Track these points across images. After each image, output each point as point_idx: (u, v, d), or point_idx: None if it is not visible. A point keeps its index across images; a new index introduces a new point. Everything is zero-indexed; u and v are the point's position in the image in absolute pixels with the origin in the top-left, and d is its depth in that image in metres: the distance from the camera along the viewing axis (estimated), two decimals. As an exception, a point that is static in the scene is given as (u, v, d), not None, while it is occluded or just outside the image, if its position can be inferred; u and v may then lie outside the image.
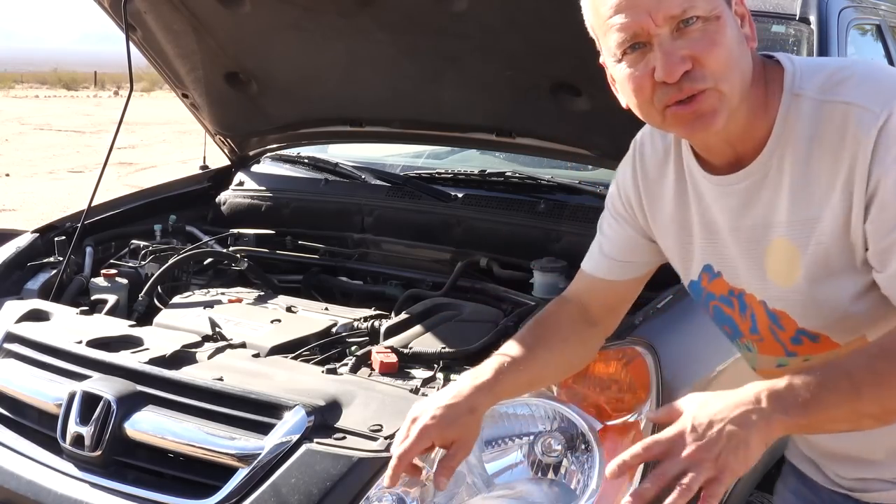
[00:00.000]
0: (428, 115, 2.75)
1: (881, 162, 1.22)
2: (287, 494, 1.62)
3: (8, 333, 2.17)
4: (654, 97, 1.27)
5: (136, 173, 11.74)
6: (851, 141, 1.24)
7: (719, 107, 1.26)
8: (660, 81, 1.25)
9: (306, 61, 2.77)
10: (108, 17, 2.73)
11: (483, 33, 2.33)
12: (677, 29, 1.23)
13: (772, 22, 2.93)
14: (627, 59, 1.28)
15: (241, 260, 2.65)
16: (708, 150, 1.39)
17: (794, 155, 1.30)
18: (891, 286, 1.26)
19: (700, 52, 1.23)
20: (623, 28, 1.25)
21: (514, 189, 2.70)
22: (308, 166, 3.09)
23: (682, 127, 1.30)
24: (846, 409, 1.20)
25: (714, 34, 1.24)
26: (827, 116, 1.28)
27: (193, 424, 1.78)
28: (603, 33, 1.30)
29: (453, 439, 1.39)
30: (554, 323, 1.57)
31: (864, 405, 1.20)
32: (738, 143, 1.35)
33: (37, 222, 2.97)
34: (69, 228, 2.69)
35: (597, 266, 1.60)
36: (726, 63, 1.25)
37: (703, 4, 1.23)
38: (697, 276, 1.50)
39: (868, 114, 1.23)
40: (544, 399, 1.69)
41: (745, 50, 1.29)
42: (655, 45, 1.24)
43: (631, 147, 1.56)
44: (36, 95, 29.27)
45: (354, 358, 2.03)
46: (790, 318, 1.39)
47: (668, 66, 1.23)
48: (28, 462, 1.91)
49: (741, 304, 1.45)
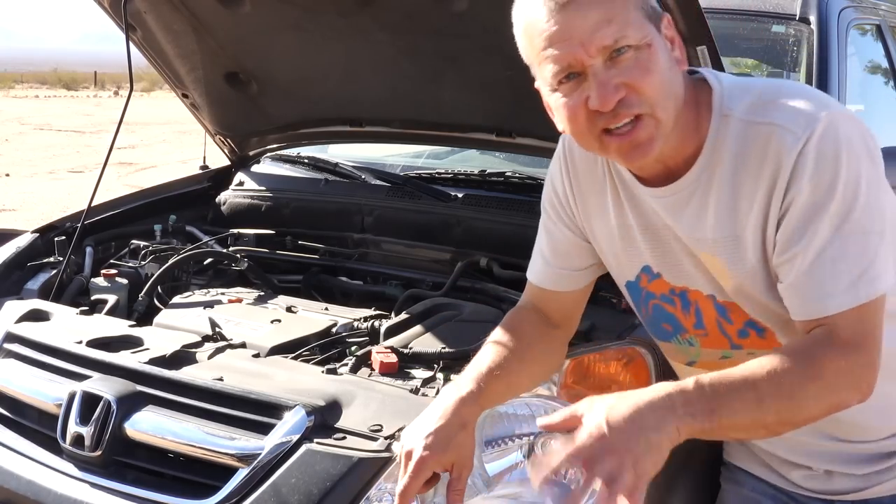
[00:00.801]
0: (428, 115, 2.75)
1: (797, 182, 1.27)
2: (287, 494, 1.62)
3: (8, 333, 2.17)
4: (589, 125, 1.30)
5: (136, 173, 11.74)
6: (773, 160, 1.29)
7: (655, 134, 1.30)
8: (594, 110, 1.28)
9: (306, 61, 2.77)
10: (108, 17, 2.72)
11: (483, 33, 2.33)
12: (610, 58, 1.26)
13: (772, 22, 2.94)
14: (562, 89, 1.31)
15: (241, 260, 2.65)
16: (640, 168, 1.42)
17: (721, 174, 1.34)
18: (787, 295, 1.32)
19: (634, 79, 1.27)
20: (557, 60, 1.28)
21: (514, 189, 2.70)
22: (308, 166, 3.09)
23: (620, 155, 1.34)
24: (749, 418, 1.24)
25: (646, 62, 1.27)
26: (752, 137, 1.32)
27: (193, 424, 1.78)
28: (538, 63, 1.33)
29: (452, 461, 1.39)
30: (518, 329, 1.58)
31: (765, 415, 1.24)
32: (669, 161, 1.38)
33: (37, 222, 2.96)
34: (69, 228, 2.69)
35: (543, 278, 1.62)
36: (660, 88, 1.28)
37: (634, 34, 1.26)
38: (635, 276, 1.53)
39: (790, 135, 1.28)
40: (544, 399, 1.69)
41: (676, 73, 1.32)
42: (590, 76, 1.27)
43: (559, 149, 1.59)
44: (36, 95, 29.28)
45: (354, 358, 2.02)
46: (740, 310, 1.44)
47: (603, 96, 1.26)
48: (28, 462, 1.91)
49: (683, 302, 1.49)
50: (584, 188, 1.54)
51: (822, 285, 1.28)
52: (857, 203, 1.27)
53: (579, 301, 1.66)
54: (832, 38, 2.79)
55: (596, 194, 1.53)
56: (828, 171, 1.26)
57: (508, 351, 1.52)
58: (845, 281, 1.27)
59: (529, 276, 1.65)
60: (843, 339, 1.27)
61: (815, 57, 2.73)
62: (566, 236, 1.59)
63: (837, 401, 1.28)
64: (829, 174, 1.26)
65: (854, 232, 1.27)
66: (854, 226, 1.27)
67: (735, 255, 1.37)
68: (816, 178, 1.27)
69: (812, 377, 1.24)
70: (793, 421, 1.28)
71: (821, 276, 1.28)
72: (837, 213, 1.26)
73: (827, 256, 1.27)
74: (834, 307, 1.27)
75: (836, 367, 1.25)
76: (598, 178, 1.52)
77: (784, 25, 2.91)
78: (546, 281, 1.61)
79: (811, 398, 1.25)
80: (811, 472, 1.61)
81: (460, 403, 1.42)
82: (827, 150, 1.26)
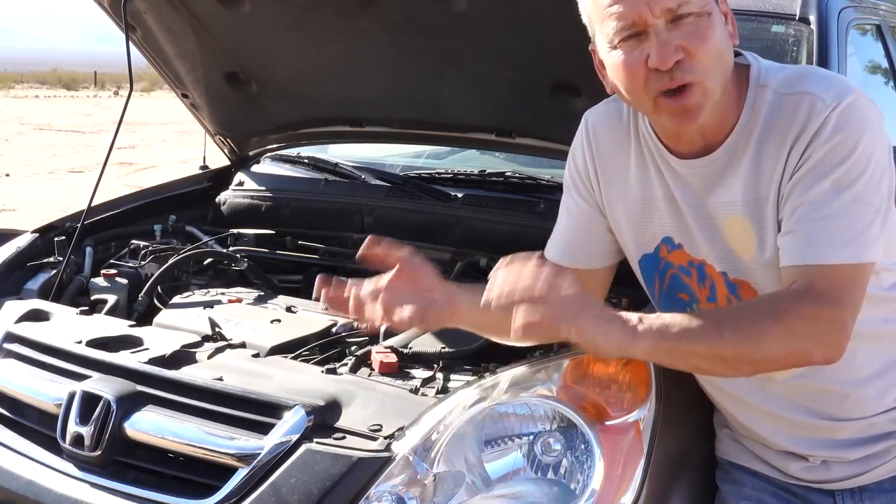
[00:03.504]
0: (428, 115, 2.74)
1: (815, 142, 1.35)
2: (287, 494, 1.62)
3: (8, 333, 2.17)
4: (646, 84, 1.36)
5: (136, 173, 11.74)
6: (800, 122, 1.37)
7: (704, 102, 1.36)
8: (653, 68, 1.34)
9: (306, 61, 2.77)
10: (108, 17, 2.72)
11: (483, 33, 2.33)
12: (671, 21, 1.33)
13: (772, 22, 2.93)
14: (623, 47, 1.36)
15: (241, 260, 2.65)
16: (678, 139, 1.48)
17: (754, 140, 1.42)
18: (782, 244, 1.38)
19: (692, 44, 1.33)
20: (622, 17, 1.34)
21: (514, 189, 2.70)
22: (308, 166, 3.09)
23: (671, 117, 1.39)
24: (707, 347, 1.30)
25: (705, 29, 1.34)
26: (785, 104, 1.40)
27: (193, 424, 1.78)
28: (600, 21, 1.38)
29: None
30: None
31: (724, 347, 1.30)
32: (709, 134, 1.45)
33: (37, 222, 2.96)
34: (69, 228, 2.69)
35: (560, 251, 1.65)
36: (714, 57, 1.35)
37: (697, 1, 1.33)
38: (654, 248, 1.58)
39: (820, 102, 1.36)
40: (544, 399, 1.69)
41: (728, 46, 1.40)
42: (651, 34, 1.33)
43: (581, 127, 1.65)
44: (36, 95, 29.27)
45: (354, 358, 2.03)
46: (751, 288, 1.49)
47: (663, 54, 1.32)
48: (28, 462, 1.91)
49: (700, 274, 1.54)
50: (607, 162, 1.60)
51: (816, 236, 1.34)
52: (864, 175, 1.34)
53: (598, 284, 1.67)
54: (832, 38, 2.79)
55: (618, 167, 1.58)
56: (846, 140, 1.34)
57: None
58: (838, 238, 1.33)
59: (548, 254, 1.67)
60: (819, 291, 1.32)
61: (814, 57, 2.73)
62: (584, 210, 1.64)
63: (799, 348, 1.32)
64: (846, 143, 1.34)
65: (855, 199, 1.34)
66: (855, 194, 1.34)
67: (760, 215, 1.43)
68: (833, 143, 1.34)
69: (774, 318, 1.30)
70: (751, 358, 1.32)
71: (816, 228, 1.35)
72: (844, 178, 1.34)
73: (825, 212, 1.34)
74: (822, 258, 1.33)
75: (801, 313, 1.31)
76: (622, 152, 1.57)
77: (784, 25, 2.91)
78: (566, 257, 1.64)
79: (772, 339, 1.30)
80: (808, 463, 1.64)
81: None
82: (850, 120, 1.35)
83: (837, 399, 1.56)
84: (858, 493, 1.63)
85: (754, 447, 1.70)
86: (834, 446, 1.61)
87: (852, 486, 1.63)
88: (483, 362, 1.99)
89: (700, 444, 1.82)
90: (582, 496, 1.55)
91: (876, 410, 1.58)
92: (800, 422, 1.60)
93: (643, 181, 1.55)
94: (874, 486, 1.62)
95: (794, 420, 1.60)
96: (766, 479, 1.70)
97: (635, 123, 1.55)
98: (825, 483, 1.65)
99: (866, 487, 1.62)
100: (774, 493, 1.69)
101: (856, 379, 1.49)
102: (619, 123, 1.58)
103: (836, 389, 1.53)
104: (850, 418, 1.58)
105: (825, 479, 1.64)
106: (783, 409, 1.59)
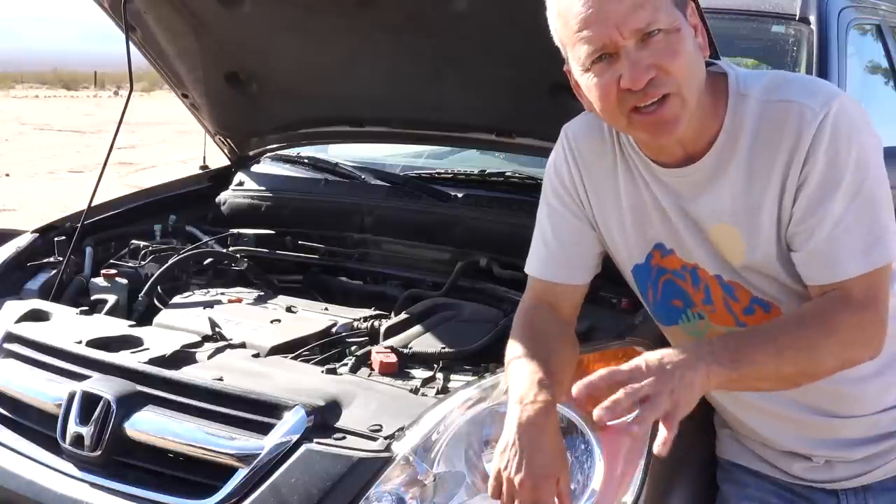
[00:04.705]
0: (428, 115, 2.74)
1: (814, 155, 1.37)
2: (287, 494, 1.62)
3: (8, 333, 2.17)
4: (619, 103, 1.37)
5: (136, 173, 11.73)
6: (792, 133, 1.38)
7: (680, 113, 1.37)
8: (625, 88, 1.34)
9: (306, 61, 2.76)
10: (108, 17, 2.72)
11: (483, 33, 2.33)
12: (642, 40, 1.34)
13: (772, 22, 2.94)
14: (595, 69, 1.37)
15: (241, 260, 2.65)
16: (659, 150, 1.49)
17: (741, 149, 1.43)
18: (804, 262, 1.42)
19: (664, 61, 1.34)
20: (591, 41, 1.35)
21: (514, 189, 2.70)
22: (308, 166, 3.09)
23: (647, 132, 1.41)
24: (770, 369, 1.35)
25: (675, 45, 1.35)
26: (771, 113, 1.41)
27: (193, 424, 1.78)
28: (572, 45, 1.39)
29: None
30: (540, 327, 1.58)
31: (785, 367, 1.35)
32: (689, 145, 1.46)
33: (37, 222, 2.96)
34: (69, 228, 2.69)
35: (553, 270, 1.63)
36: (687, 70, 1.36)
37: (665, 18, 1.34)
38: (645, 256, 1.59)
39: (809, 111, 1.37)
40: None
41: (699, 58, 1.40)
42: (622, 55, 1.34)
43: (561, 138, 1.65)
44: (36, 95, 29.27)
45: (354, 358, 2.03)
46: (744, 289, 1.51)
47: (635, 75, 1.33)
48: (28, 462, 1.91)
49: (694, 278, 1.55)
50: (594, 176, 1.59)
51: (839, 253, 1.38)
52: (868, 175, 1.38)
53: (577, 301, 1.67)
54: (832, 38, 2.79)
55: (606, 180, 1.58)
56: (844, 149, 1.37)
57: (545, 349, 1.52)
58: (859, 248, 1.38)
59: (535, 272, 1.65)
60: (856, 300, 1.38)
61: (814, 57, 2.73)
62: (574, 225, 1.62)
63: (851, 355, 1.40)
64: (845, 152, 1.37)
65: (866, 202, 1.38)
66: (865, 197, 1.38)
67: (751, 224, 1.44)
68: (831, 153, 1.37)
69: (828, 333, 1.36)
70: (810, 372, 1.39)
71: (837, 244, 1.38)
72: (851, 186, 1.37)
73: (843, 226, 1.38)
74: (849, 272, 1.38)
75: (849, 324, 1.37)
76: (607, 164, 1.57)
77: (784, 25, 2.91)
78: (558, 273, 1.63)
79: (827, 352, 1.36)
80: (811, 463, 1.64)
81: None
82: (842, 126, 1.37)
83: (838, 396, 1.57)
84: (862, 492, 1.64)
85: (756, 447, 1.70)
86: (837, 445, 1.61)
87: (856, 485, 1.63)
88: (483, 362, 1.99)
89: (700, 443, 1.82)
90: (582, 496, 1.55)
91: (878, 408, 1.59)
92: (802, 420, 1.61)
93: (632, 190, 1.55)
94: (878, 485, 1.63)
95: (797, 419, 1.61)
96: (769, 480, 1.71)
97: (618, 134, 1.55)
98: (829, 483, 1.65)
99: (870, 487, 1.63)
100: (778, 494, 1.70)
101: (856, 376, 1.50)
102: (600, 136, 1.58)
103: (837, 387, 1.53)
104: (853, 415, 1.59)
105: (829, 479, 1.65)
106: (784, 407, 1.60)
